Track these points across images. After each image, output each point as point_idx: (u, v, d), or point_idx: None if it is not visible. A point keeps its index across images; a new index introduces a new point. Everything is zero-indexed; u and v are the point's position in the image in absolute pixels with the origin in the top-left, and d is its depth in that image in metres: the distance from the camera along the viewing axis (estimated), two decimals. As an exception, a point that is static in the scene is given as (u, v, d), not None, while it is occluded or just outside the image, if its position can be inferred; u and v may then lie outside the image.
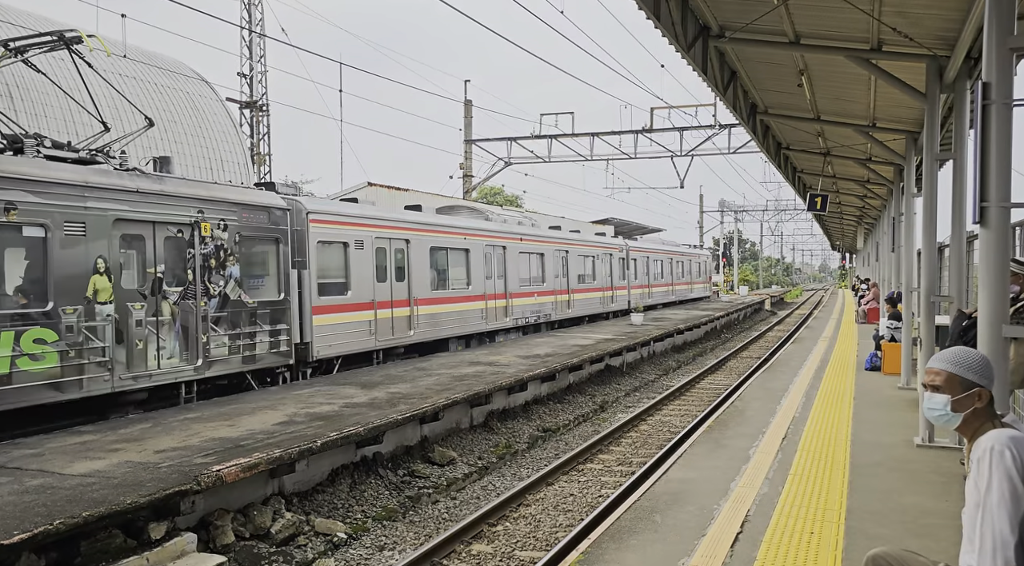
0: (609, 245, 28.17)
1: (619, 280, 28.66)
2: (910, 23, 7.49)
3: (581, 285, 25.05)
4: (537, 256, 21.95)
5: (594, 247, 26.51)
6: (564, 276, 23.58)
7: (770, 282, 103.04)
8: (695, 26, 9.05)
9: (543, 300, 22.07)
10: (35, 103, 16.35)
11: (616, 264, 28.40)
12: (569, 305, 23.98)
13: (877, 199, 22.04)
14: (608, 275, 27.46)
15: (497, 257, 19.48)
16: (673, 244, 41.20)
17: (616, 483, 9.56)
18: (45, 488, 6.37)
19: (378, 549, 7.48)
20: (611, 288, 27.85)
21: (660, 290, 34.81)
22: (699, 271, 43.60)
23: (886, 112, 11.53)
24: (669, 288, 36.41)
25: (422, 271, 15.94)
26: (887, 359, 13.43)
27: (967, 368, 2.80)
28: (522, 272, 20.77)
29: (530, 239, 21.55)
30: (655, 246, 34.95)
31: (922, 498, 6.32)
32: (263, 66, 26.40)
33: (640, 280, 31.50)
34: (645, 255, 32.58)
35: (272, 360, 11.98)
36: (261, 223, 11.86)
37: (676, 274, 37.91)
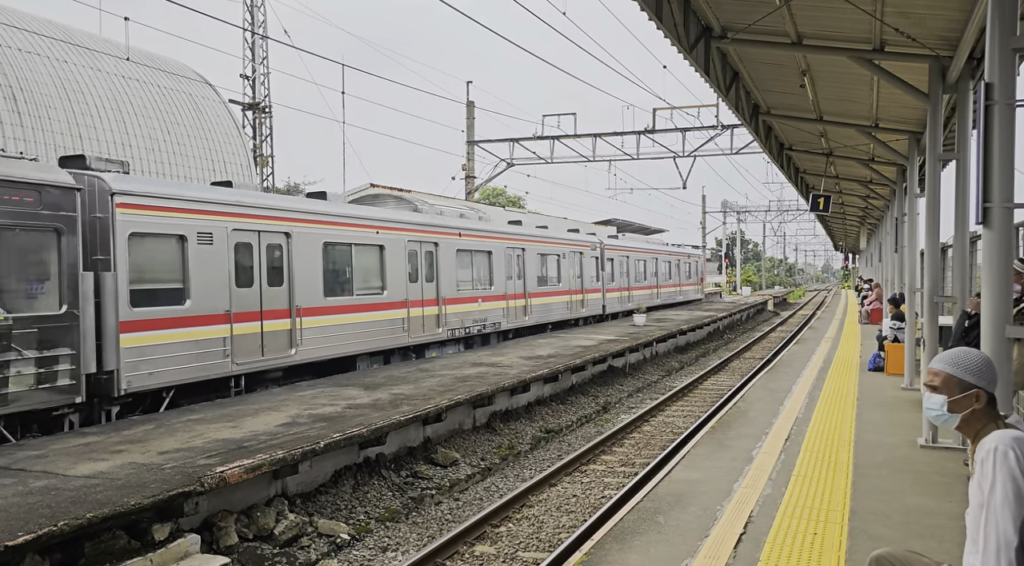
0: (578, 242, 24.79)
1: (592, 282, 25.48)
2: (913, 24, 7.49)
3: (542, 288, 21.81)
4: (483, 255, 18.70)
5: (558, 244, 23.14)
6: (519, 278, 20.36)
7: (773, 283, 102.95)
8: (697, 27, 9.05)
9: (490, 306, 18.65)
10: (39, 106, 16.39)
11: (588, 264, 25.24)
12: (526, 311, 20.62)
13: (880, 199, 22.01)
14: (577, 276, 24.31)
15: (425, 255, 16.28)
16: (660, 242, 38.52)
17: (619, 484, 9.56)
18: (49, 489, 6.39)
19: (381, 550, 7.48)
20: (581, 291, 24.65)
21: (642, 293, 31.38)
22: (690, 272, 40.58)
23: (889, 112, 11.52)
24: (654, 291, 33.27)
25: (310, 272, 12.90)
26: (890, 360, 13.42)
27: (965, 369, 2.80)
28: (462, 273, 17.61)
29: (472, 234, 18.18)
30: (637, 244, 31.94)
31: (925, 499, 6.31)
32: (266, 68, 26.45)
33: (619, 282, 28.39)
34: (624, 254, 29.35)
35: (40, 399, 8.67)
36: (24, 207, 8.63)
37: (663, 275, 34.95)
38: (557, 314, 22.82)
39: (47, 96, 16.71)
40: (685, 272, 39.32)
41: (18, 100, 16.00)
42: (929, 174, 8.72)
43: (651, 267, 32.96)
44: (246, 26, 25.79)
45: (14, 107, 15.84)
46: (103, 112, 18.01)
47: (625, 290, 29.28)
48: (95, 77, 18.36)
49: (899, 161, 13.64)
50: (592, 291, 25.66)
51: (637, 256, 31.05)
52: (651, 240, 37.59)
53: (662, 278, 34.80)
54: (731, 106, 11.50)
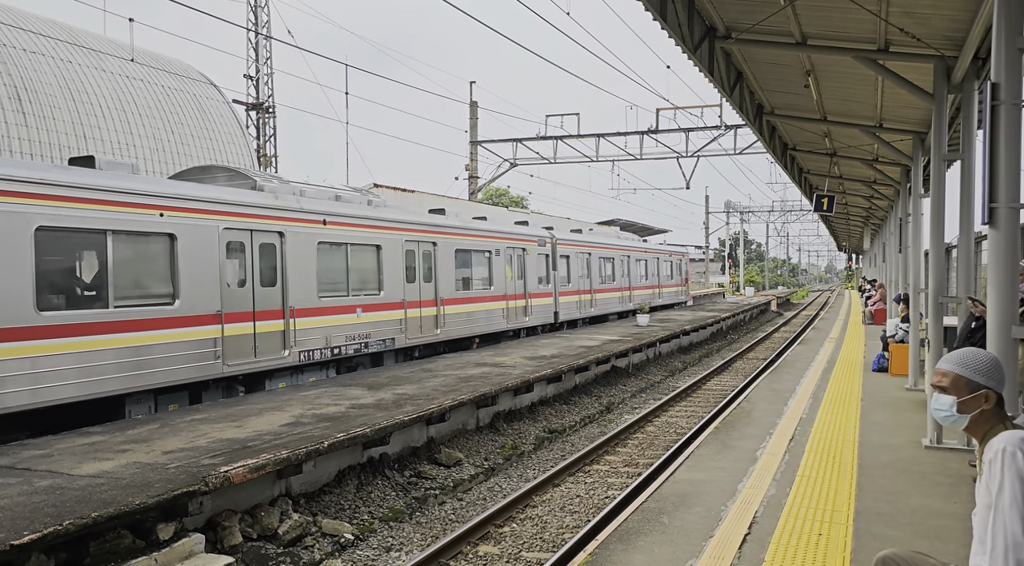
0: (519, 236, 20.58)
1: (538, 284, 21.22)
2: (917, 23, 7.48)
3: (464, 293, 17.55)
4: (367, 250, 14.26)
5: (488, 238, 18.77)
6: (428, 280, 16.04)
7: (776, 283, 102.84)
8: (701, 27, 9.04)
9: (378, 318, 14.39)
10: (43, 105, 16.43)
11: (534, 263, 21.08)
12: (438, 323, 16.27)
13: (884, 200, 21.98)
14: (515, 278, 19.97)
15: (261, 251, 11.86)
16: (632, 238, 33.98)
17: (623, 484, 9.56)
18: (54, 489, 6.40)
19: (385, 550, 7.48)
20: (523, 296, 20.43)
21: (608, 297, 27.10)
22: (671, 272, 35.85)
23: (893, 113, 11.50)
24: (624, 294, 28.69)
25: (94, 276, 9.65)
26: (894, 360, 13.39)
27: (974, 369, 2.79)
28: (329, 275, 13.26)
29: (348, 223, 13.71)
30: (602, 240, 27.61)
31: (931, 500, 6.29)
32: (269, 68, 26.48)
33: (577, 284, 24.19)
34: (584, 251, 24.90)
35: None
36: None
37: (637, 276, 30.41)
38: (487, 324, 18.52)
39: (52, 96, 16.74)
40: (666, 272, 34.87)
41: (23, 100, 16.04)
42: (934, 174, 8.70)
43: (620, 266, 28.50)
44: (250, 26, 25.83)
45: (19, 107, 15.88)
46: (107, 112, 18.04)
47: (586, 293, 24.98)
48: (99, 77, 18.40)
49: (903, 161, 13.62)
50: (540, 296, 21.43)
51: (602, 254, 26.72)
52: (622, 236, 32.63)
53: (636, 279, 30.25)
54: (735, 106, 11.49)
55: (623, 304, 28.57)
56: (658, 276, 33.43)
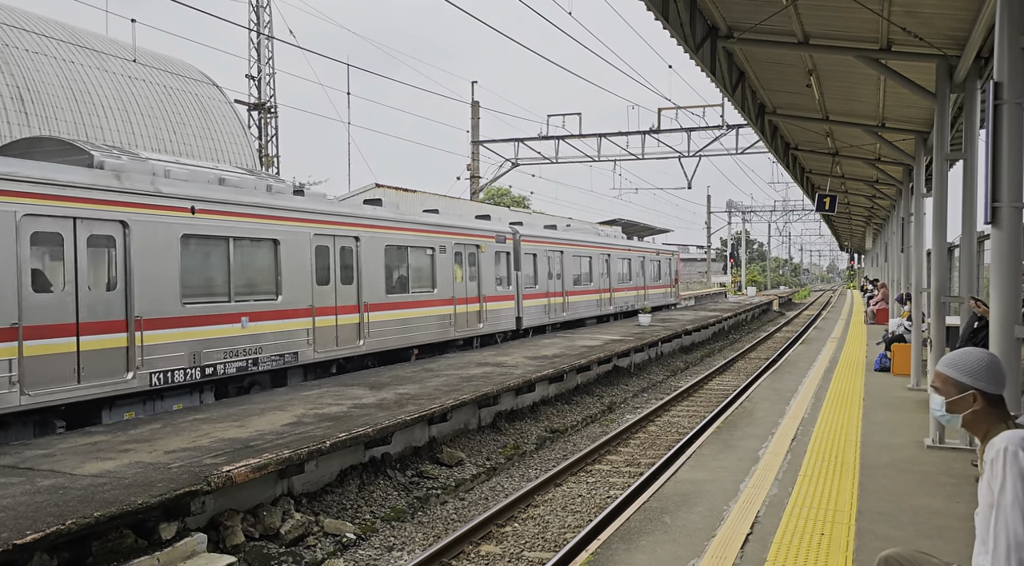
0: (471, 231, 17.99)
1: (496, 287, 18.83)
2: (920, 23, 7.47)
3: (398, 296, 14.91)
4: (261, 246, 11.75)
5: (428, 233, 16.11)
6: (348, 282, 13.62)
7: (778, 283, 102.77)
8: (703, 27, 9.04)
9: (273, 328, 11.91)
10: (45, 106, 16.45)
11: (488, 262, 18.51)
12: (360, 332, 13.79)
13: (886, 199, 21.96)
14: (466, 279, 17.56)
15: (100, 246, 9.62)
16: (613, 235, 31.28)
17: (625, 484, 9.56)
18: (57, 488, 6.41)
19: (387, 550, 7.49)
20: (477, 299, 17.91)
21: (585, 299, 24.67)
22: (659, 272, 33.22)
23: (895, 112, 11.49)
24: (603, 296, 26.27)
25: None
26: (896, 360, 13.38)
27: (961, 370, 2.81)
28: (202, 275, 10.90)
29: (229, 211, 11.20)
30: (573, 236, 24.71)
31: (933, 499, 6.29)
32: (271, 68, 26.50)
33: (546, 286, 21.75)
34: (554, 249, 22.48)
35: None
36: None
37: (619, 276, 27.95)
38: (429, 333, 16.01)
39: (54, 96, 16.77)
40: (652, 272, 32.14)
41: (25, 100, 16.06)
42: (936, 174, 8.69)
43: (599, 266, 26.00)
44: (251, 26, 25.85)
45: (21, 107, 15.90)
46: (109, 112, 18.07)
47: (557, 296, 22.52)
48: (102, 78, 18.42)
49: (905, 161, 13.60)
50: (498, 299, 18.93)
51: (576, 252, 24.23)
52: (602, 232, 30.38)
53: (618, 279, 27.72)
54: (737, 106, 11.48)
55: (602, 307, 26.12)
56: (643, 276, 30.88)
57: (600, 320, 26.35)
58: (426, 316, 15.90)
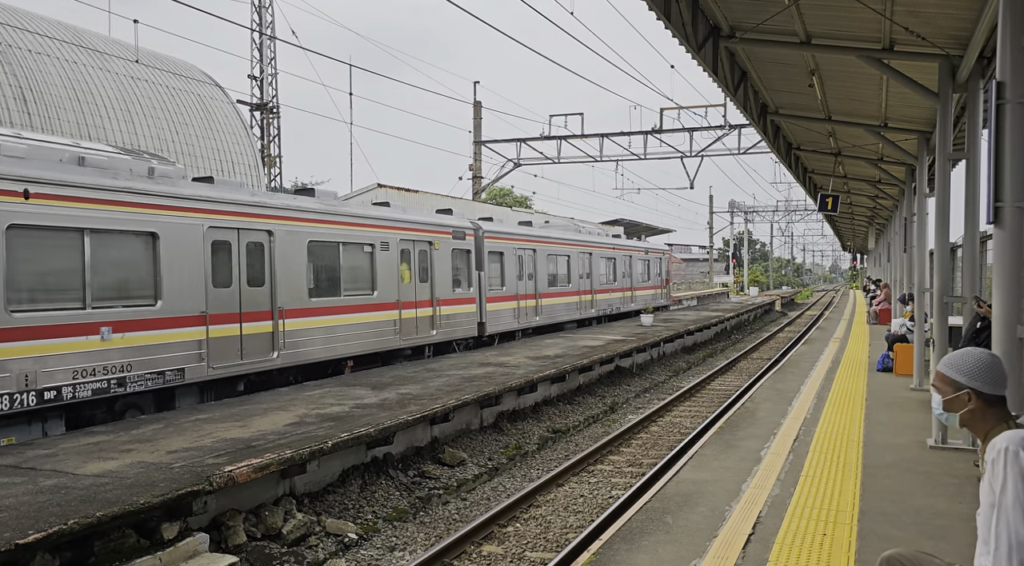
0: (421, 227, 15.85)
1: (453, 289, 16.83)
2: (922, 22, 7.46)
3: (324, 300, 12.96)
4: (131, 240, 10.01)
5: (366, 227, 14.17)
6: (261, 284, 11.68)
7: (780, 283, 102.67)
8: (705, 27, 9.03)
9: (147, 340, 10.03)
10: (48, 106, 16.48)
11: (444, 260, 16.51)
12: (274, 342, 11.81)
13: (889, 199, 21.93)
14: (415, 280, 15.49)
15: None
16: (598, 232, 28.87)
17: (627, 484, 9.55)
18: (59, 488, 6.42)
19: (389, 550, 7.49)
20: (428, 303, 15.87)
21: (562, 302, 22.64)
22: (648, 273, 30.89)
23: (898, 112, 11.48)
24: (584, 298, 24.13)
25: None
26: (899, 360, 13.36)
27: (957, 370, 2.82)
28: (41, 276, 8.99)
29: (82, 197, 9.38)
30: (546, 234, 22.30)
31: (935, 500, 6.28)
32: (273, 69, 26.53)
33: (512, 287, 19.53)
34: (525, 248, 20.38)
35: None
36: None
37: (601, 277, 25.64)
38: (367, 342, 13.98)
39: (57, 97, 16.80)
40: (641, 272, 29.82)
41: (28, 101, 16.09)
42: (939, 174, 8.68)
43: (579, 266, 23.89)
44: (254, 27, 25.88)
45: (24, 108, 15.93)
46: (112, 112, 18.10)
47: (528, 298, 20.42)
48: (104, 78, 18.45)
49: (908, 161, 13.59)
50: (455, 302, 16.88)
51: (552, 250, 22.04)
52: (584, 228, 27.69)
53: (601, 280, 25.56)
54: (739, 106, 11.47)
55: (583, 311, 24.00)
56: (630, 277, 28.65)
57: (581, 324, 24.38)
58: (363, 323, 13.88)
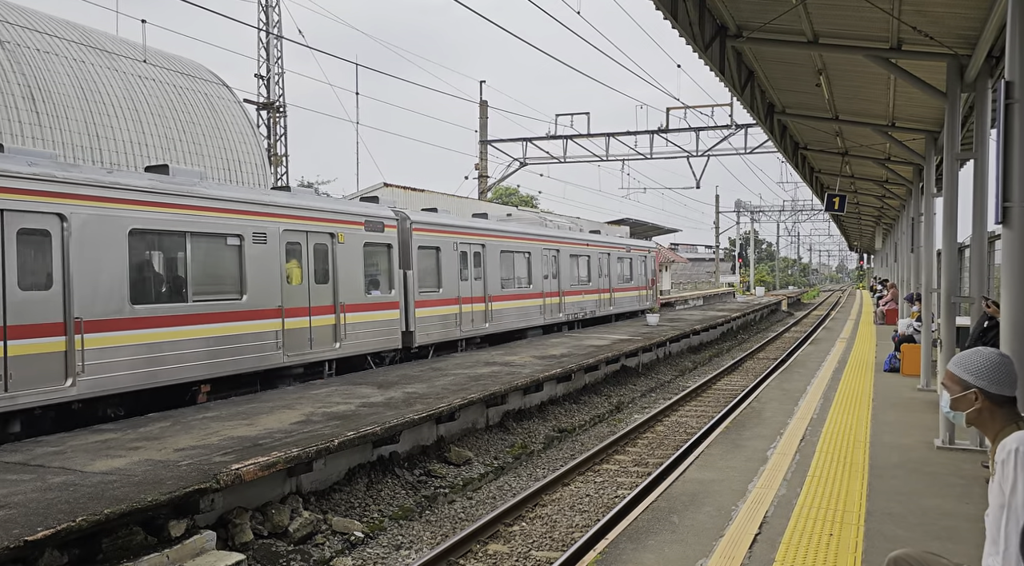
0: (317, 215, 12.95)
1: (366, 291, 13.96)
2: (930, 22, 7.43)
3: (156, 308, 10.14)
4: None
5: (223, 213, 11.17)
6: (37, 287, 8.81)
7: (787, 283, 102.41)
8: (712, 26, 9.02)
9: None
10: (56, 105, 16.55)
11: (352, 257, 13.62)
12: (68, 365, 8.97)
13: (896, 199, 21.86)
14: (307, 281, 12.68)
15: None
16: (570, 226, 25.18)
17: (632, 484, 9.55)
18: (67, 485, 6.45)
19: (395, 548, 7.50)
20: (330, 309, 13.08)
21: (520, 306, 19.58)
22: (630, 272, 27.89)
23: (905, 111, 11.44)
24: (549, 301, 21.17)
25: None
26: (906, 360, 13.32)
27: (965, 369, 2.82)
28: None
29: None
30: (499, 228, 19.11)
31: (943, 500, 6.26)
32: (280, 68, 26.57)
33: (452, 290, 16.52)
34: (468, 243, 17.32)
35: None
36: None
37: (571, 277, 22.81)
38: (228, 362, 11.07)
39: (65, 96, 16.86)
40: (621, 272, 26.88)
41: (36, 100, 16.15)
42: (946, 173, 8.65)
43: (542, 264, 20.88)
44: (261, 26, 25.92)
45: (32, 107, 16.00)
46: (120, 111, 18.16)
47: (475, 302, 17.39)
48: (112, 77, 18.51)
49: (916, 160, 13.54)
50: (368, 308, 13.99)
51: (507, 246, 19.02)
52: (551, 223, 24.02)
53: (571, 281, 22.77)
54: (746, 105, 11.45)
55: (548, 315, 21.12)
56: (608, 277, 25.64)
57: (546, 330, 21.55)
58: (225, 336, 10.99)
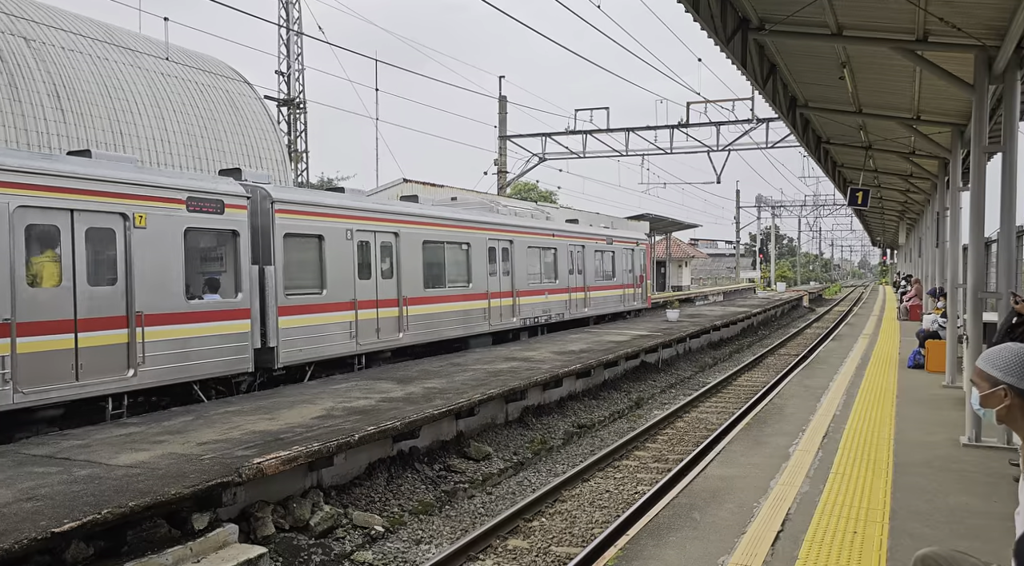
0: (88, 186, 9.14)
1: (188, 296, 10.35)
2: (958, 13, 7.31)
3: None
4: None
5: None
6: None
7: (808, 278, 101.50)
8: (734, 19, 8.93)
9: None
10: (81, 102, 16.74)
11: (157, 251, 9.95)
12: None
13: (920, 193, 21.57)
14: (70, 286, 8.87)
15: None
16: (529, 210, 21.46)
17: (652, 480, 9.51)
18: (93, 478, 6.53)
19: (415, 543, 7.53)
20: (122, 322, 9.34)
21: (446, 311, 15.61)
22: (611, 268, 24.18)
23: (931, 104, 11.27)
24: (499, 303, 17.62)
25: None
26: (931, 357, 13.15)
27: (994, 365, 2.77)
28: None
29: None
30: (421, 212, 15.20)
31: (969, 498, 6.17)
32: (300, 64, 26.69)
33: (342, 290, 12.84)
34: (371, 231, 13.57)
35: None
36: None
37: (529, 274, 19.14)
38: None
39: (89, 93, 17.05)
40: (601, 268, 23.46)
41: (61, 97, 16.35)
42: (974, 167, 8.50)
43: (490, 257, 17.33)
44: (281, 23, 26.06)
45: (57, 104, 16.19)
46: (142, 108, 18.34)
47: (384, 307, 13.75)
48: (135, 75, 18.69)
49: (941, 154, 13.34)
50: (196, 319, 10.42)
51: (432, 235, 15.24)
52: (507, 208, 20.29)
53: (525, 278, 18.91)
54: (768, 99, 11.33)
55: (493, 320, 17.29)
56: (582, 273, 22.11)
57: (498, 339, 17.77)
58: None
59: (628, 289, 25.61)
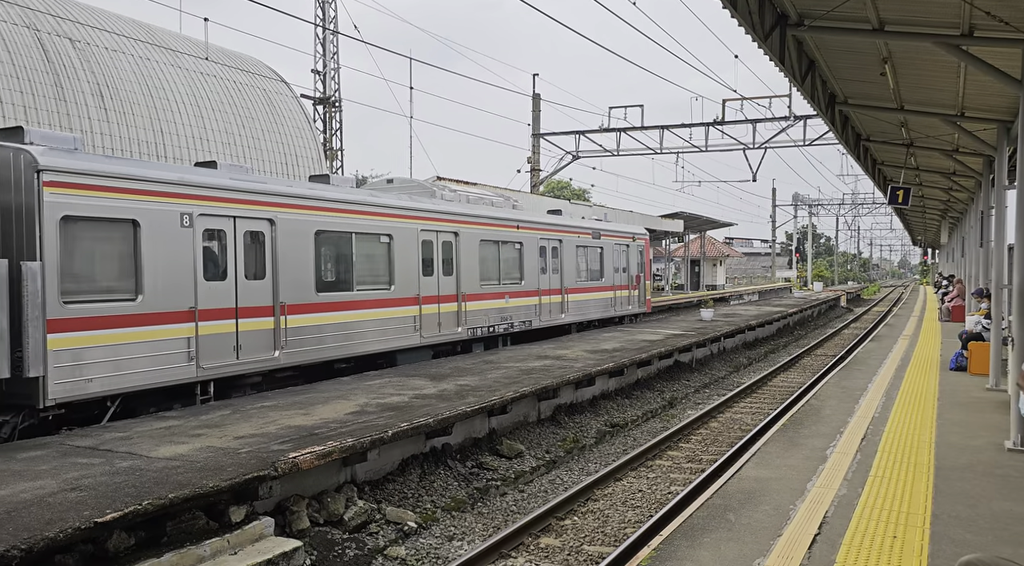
0: None
1: None
2: (1005, 6, 7.12)
3: None
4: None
5: None
6: None
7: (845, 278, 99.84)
8: (773, 14, 8.81)
9: None
10: (123, 102, 17.09)
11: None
12: None
13: (964, 192, 21.09)
14: None
15: None
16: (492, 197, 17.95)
17: (686, 480, 9.43)
18: (134, 470, 6.67)
19: (447, 539, 7.56)
20: None
21: (353, 320, 12.47)
22: (599, 267, 21.01)
23: (976, 100, 11.01)
24: (436, 310, 14.46)
25: None
26: (974, 359, 12.86)
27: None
28: None
29: None
30: (301, 193, 11.62)
31: (1015, 504, 6.02)
32: (336, 63, 26.95)
33: (174, 298, 9.61)
34: (228, 215, 10.38)
35: None
36: None
37: (477, 273, 15.76)
38: None
39: (131, 92, 17.40)
40: (587, 266, 20.42)
41: (104, 96, 16.71)
42: (1020, 164, 8.29)
43: (420, 254, 14.16)
44: (317, 22, 26.32)
45: (100, 103, 16.55)
46: (182, 108, 18.67)
47: (244, 318, 10.57)
48: (175, 74, 19.04)
49: (986, 152, 13.03)
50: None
51: (330, 223, 12.12)
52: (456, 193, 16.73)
53: (475, 279, 15.69)
54: (806, 96, 11.16)
55: (427, 331, 14.25)
56: (559, 273, 18.85)
57: (439, 352, 15.01)
58: None
59: (620, 291, 22.07)
